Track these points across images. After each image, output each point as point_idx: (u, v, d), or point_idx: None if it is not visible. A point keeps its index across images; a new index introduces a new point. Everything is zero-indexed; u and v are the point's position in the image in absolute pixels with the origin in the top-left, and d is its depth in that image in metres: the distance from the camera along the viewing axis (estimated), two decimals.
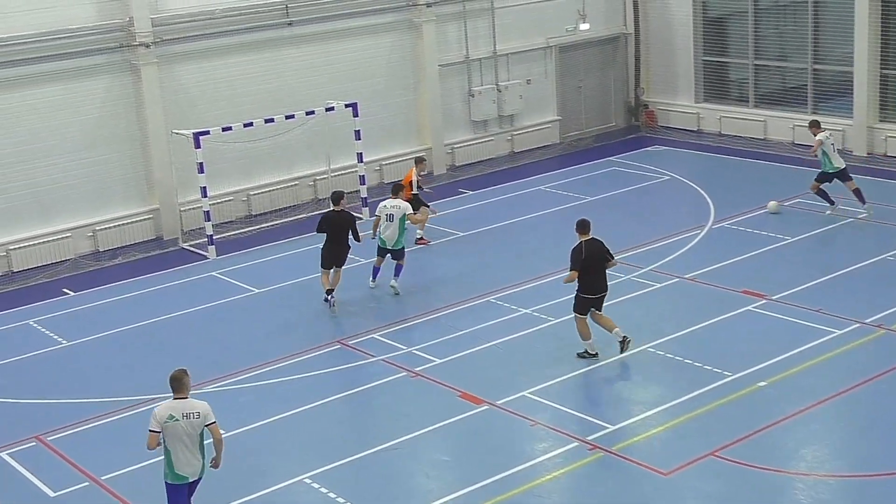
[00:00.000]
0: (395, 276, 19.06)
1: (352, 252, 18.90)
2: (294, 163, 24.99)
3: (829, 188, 21.34)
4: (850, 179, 21.19)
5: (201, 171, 21.60)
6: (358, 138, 23.59)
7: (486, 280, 19.29)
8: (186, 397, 11.35)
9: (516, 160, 28.01)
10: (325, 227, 18.45)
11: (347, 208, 18.88)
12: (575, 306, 15.77)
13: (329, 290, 18.46)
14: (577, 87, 29.93)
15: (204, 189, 21.73)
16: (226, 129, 22.04)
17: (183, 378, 11.38)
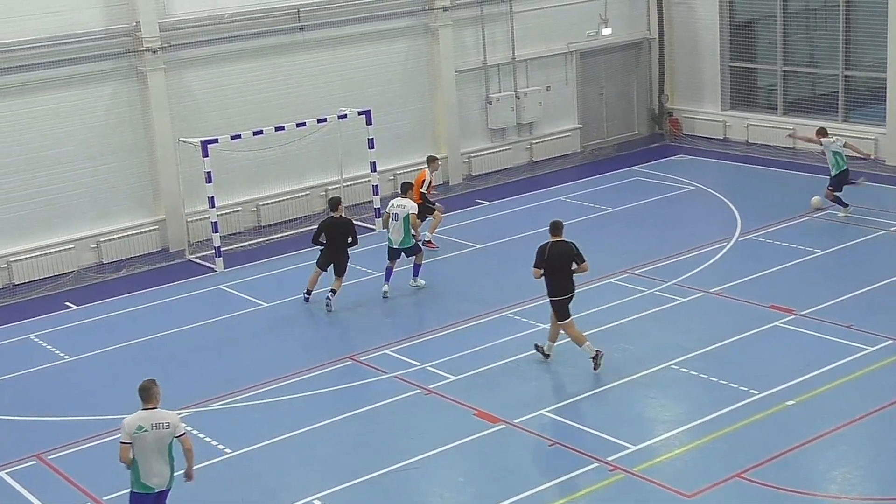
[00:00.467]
0: (415, 275, 19.79)
1: (364, 264, 18.98)
2: (305, 172, 25.07)
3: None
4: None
5: (209, 180, 21.70)
6: (371, 147, 23.66)
7: (503, 294, 19.28)
8: (156, 407, 11.59)
9: (535, 170, 28.04)
10: (323, 235, 19.05)
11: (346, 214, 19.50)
12: (555, 315, 16.07)
13: (309, 291, 19.35)
14: (599, 94, 29.96)
15: (212, 199, 21.83)
16: (234, 137, 22.11)
17: (152, 388, 11.62)
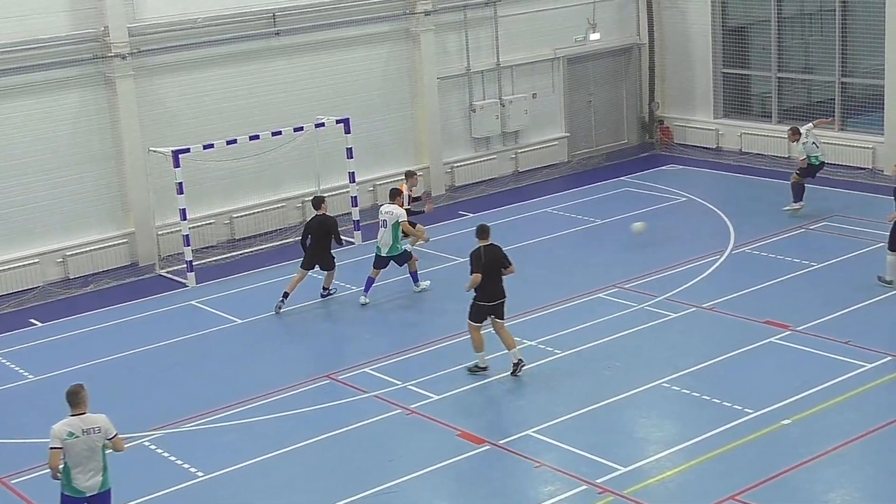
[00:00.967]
0: (415, 282, 20.32)
1: (342, 280, 18.96)
2: (281, 183, 25.07)
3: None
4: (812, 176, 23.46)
5: (180, 191, 21.66)
6: (350, 156, 23.68)
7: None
8: (85, 412, 11.67)
9: (521, 180, 28.10)
10: (308, 232, 19.89)
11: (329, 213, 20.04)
12: (470, 315, 16.54)
13: (286, 294, 19.76)
14: (587, 101, 30.07)
15: (183, 211, 21.79)
16: (207, 146, 22.10)
17: (80, 392, 11.71)
